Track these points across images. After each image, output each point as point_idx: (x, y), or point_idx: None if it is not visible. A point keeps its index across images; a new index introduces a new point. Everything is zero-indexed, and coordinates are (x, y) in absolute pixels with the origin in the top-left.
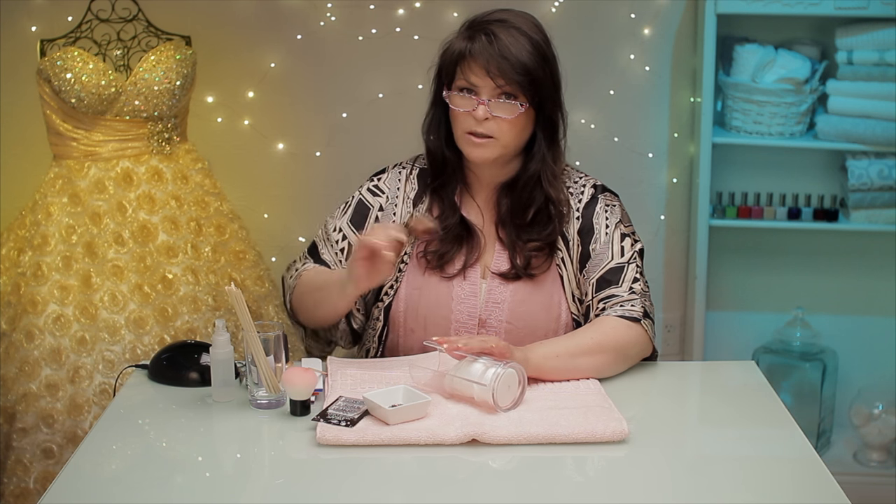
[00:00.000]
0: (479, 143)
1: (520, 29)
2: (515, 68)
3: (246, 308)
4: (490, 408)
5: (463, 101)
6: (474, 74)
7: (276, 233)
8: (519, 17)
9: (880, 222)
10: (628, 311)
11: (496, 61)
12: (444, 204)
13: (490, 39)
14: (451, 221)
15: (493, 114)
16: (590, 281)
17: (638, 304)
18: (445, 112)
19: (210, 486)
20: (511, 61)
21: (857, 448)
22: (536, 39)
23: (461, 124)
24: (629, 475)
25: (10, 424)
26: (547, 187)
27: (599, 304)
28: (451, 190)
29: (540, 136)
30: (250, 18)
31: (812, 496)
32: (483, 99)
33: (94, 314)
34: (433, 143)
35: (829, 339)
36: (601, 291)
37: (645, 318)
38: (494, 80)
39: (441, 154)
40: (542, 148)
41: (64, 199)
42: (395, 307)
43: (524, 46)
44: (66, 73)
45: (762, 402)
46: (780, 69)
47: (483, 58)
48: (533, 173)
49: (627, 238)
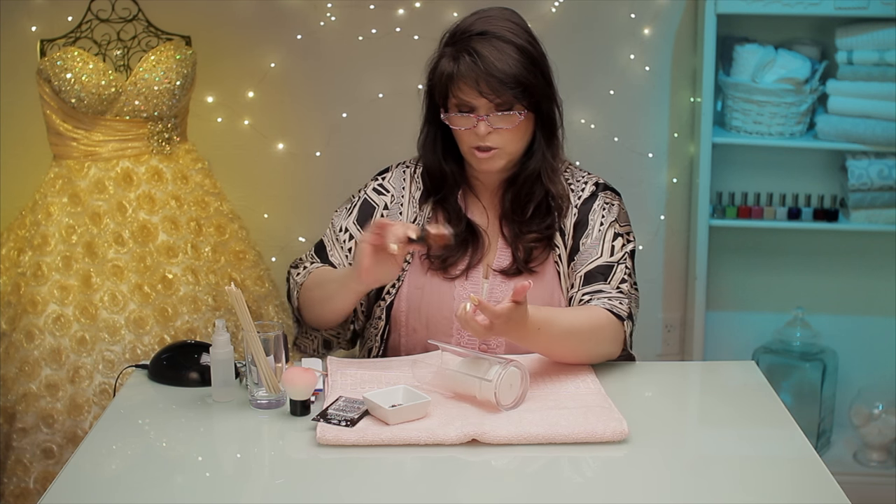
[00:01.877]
0: (485, 157)
1: (502, 38)
2: (506, 83)
3: (246, 308)
4: (492, 406)
5: (462, 120)
6: (466, 95)
7: (276, 233)
8: (499, 21)
9: (880, 222)
10: (616, 307)
11: (485, 80)
12: (448, 214)
13: (474, 59)
14: (457, 230)
15: (495, 127)
16: (577, 274)
17: (625, 304)
18: (440, 129)
19: (210, 486)
20: (500, 77)
21: (857, 448)
22: (520, 43)
23: (465, 141)
24: (629, 475)
25: (10, 424)
26: (546, 182)
27: (585, 297)
28: (454, 199)
29: (539, 135)
30: (250, 18)
31: (812, 496)
32: (481, 115)
33: (94, 314)
34: (431, 161)
35: (829, 339)
36: (588, 285)
37: (628, 318)
38: (487, 97)
39: (439, 170)
40: (542, 146)
41: (64, 199)
42: (396, 306)
43: (510, 56)
44: (66, 73)
45: (762, 402)
46: (780, 69)
47: (472, 79)
48: (533, 171)
49: (620, 238)
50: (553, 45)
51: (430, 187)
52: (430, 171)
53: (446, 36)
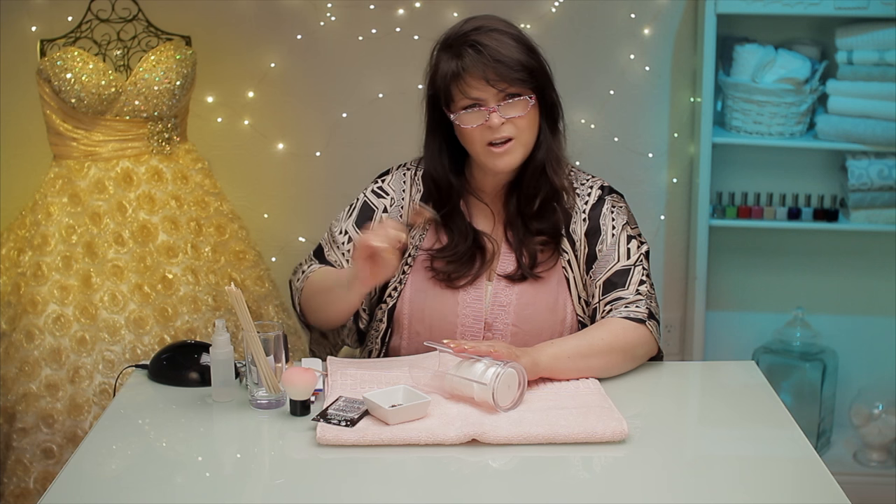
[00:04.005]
0: (502, 152)
1: (498, 29)
2: (512, 67)
3: (246, 308)
4: (490, 407)
5: (473, 116)
6: (474, 88)
7: (276, 233)
8: (490, 19)
9: (880, 222)
10: (633, 312)
11: (492, 67)
12: (453, 232)
13: (477, 49)
14: (463, 247)
15: (507, 116)
16: (596, 283)
17: (643, 306)
18: (446, 139)
19: (210, 486)
20: (506, 62)
21: (857, 448)
22: (516, 34)
23: (479, 139)
24: (629, 475)
25: (10, 424)
26: (552, 175)
27: (606, 307)
28: (459, 214)
29: (544, 125)
30: (250, 18)
31: (812, 496)
32: (492, 107)
33: (94, 314)
34: (439, 172)
35: (829, 339)
36: (608, 294)
37: (650, 318)
38: (496, 86)
39: (447, 181)
40: (547, 136)
41: (64, 199)
42: (398, 310)
43: (510, 44)
44: (66, 73)
45: (762, 402)
46: (780, 69)
47: (478, 69)
48: (539, 163)
49: (634, 240)
50: (553, 45)
51: (437, 199)
52: (437, 182)
53: (438, 44)
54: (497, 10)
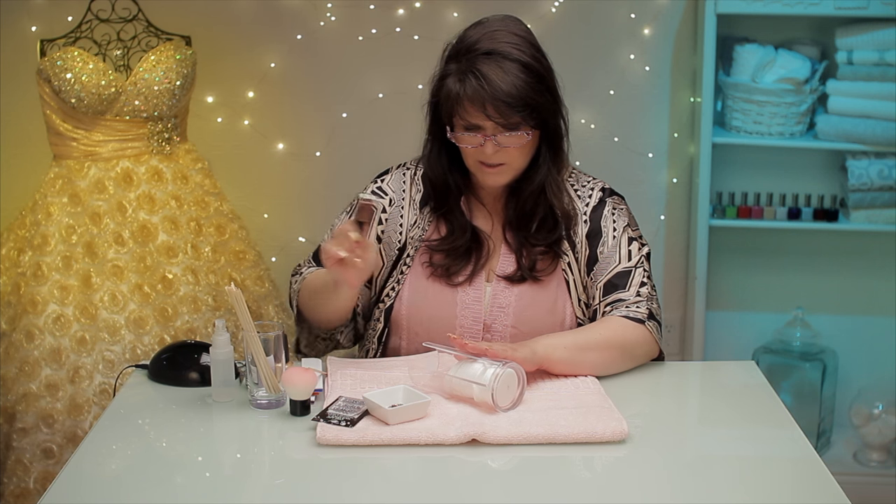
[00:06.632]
0: (492, 172)
1: (508, 56)
2: (512, 105)
3: (246, 308)
4: (489, 408)
5: (469, 139)
6: (473, 116)
7: (276, 233)
8: (504, 37)
9: (880, 222)
10: (633, 312)
11: (492, 103)
12: (452, 225)
13: (480, 82)
14: (461, 241)
15: (502, 146)
16: (597, 285)
17: (643, 307)
18: (445, 142)
19: (210, 486)
20: (506, 101)
21: (857, 448)
22: (526, 60)
23: (472, 156)
24: (629, 475)
25: (10, 424)
26: (551, 197)
27: (606, 308)
28: (459, 211)
29: (544, 150)
30: (250, 18)
31: (812, 496)
32: (488, 135)
33: (94, 314)
34: (437, 174)
35: (829, 339)
36: (608, 296)
37: (650, 319)
38: (494, 120)
39: (444, 182)
40: (547, 160)
41: (64, 199)
42: (396, 310)
43: (516, 76)
44: (66, 73)
45: (762, 402)
46: (780, 69)
47: (478, 101)
48: (537, 184)
49: (635, 242)
50: (553, 45)
51: (435, 199)
52: (435, 183)
53: (450, 48)
54: (497, 10)
